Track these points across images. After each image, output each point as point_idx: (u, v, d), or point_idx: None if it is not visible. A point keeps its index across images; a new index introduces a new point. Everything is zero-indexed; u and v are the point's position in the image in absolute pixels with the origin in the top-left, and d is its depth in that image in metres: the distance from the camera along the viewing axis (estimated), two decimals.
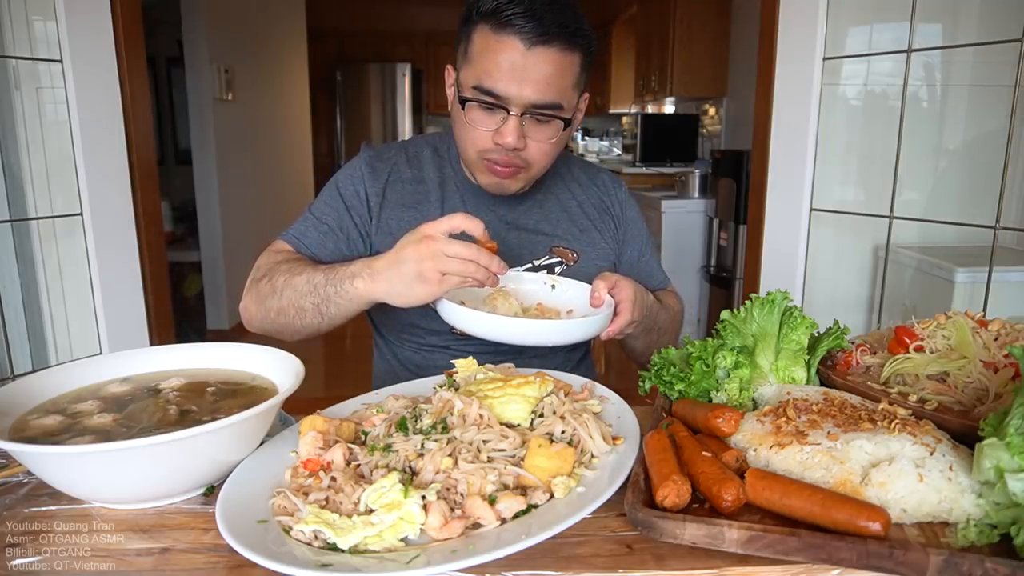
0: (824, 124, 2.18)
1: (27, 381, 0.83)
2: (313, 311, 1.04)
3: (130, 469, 0.69)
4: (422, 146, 1.29)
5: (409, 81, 7.32)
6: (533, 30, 1.01)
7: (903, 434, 0.69)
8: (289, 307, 1.06)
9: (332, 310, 1.03)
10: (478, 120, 1.09)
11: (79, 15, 2.00)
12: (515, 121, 1.06)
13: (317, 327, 1.07)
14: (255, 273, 1.15)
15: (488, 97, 1.06)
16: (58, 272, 2.18)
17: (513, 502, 0.66)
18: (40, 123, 2.10)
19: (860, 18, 2.25)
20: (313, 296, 1.03)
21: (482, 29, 1.05)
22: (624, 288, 1.08)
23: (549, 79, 1.05)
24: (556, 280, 1.18)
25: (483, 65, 1.05)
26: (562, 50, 1.04)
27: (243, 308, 1.16)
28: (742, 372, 0.89)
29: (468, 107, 1.08)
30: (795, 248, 2.26)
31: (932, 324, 0.91)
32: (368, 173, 1.23)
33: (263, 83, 5.12)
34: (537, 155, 1.12)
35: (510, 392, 0.81)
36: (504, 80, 1.04)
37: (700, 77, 4.51)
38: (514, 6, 1.02)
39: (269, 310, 1.09)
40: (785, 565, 0.62)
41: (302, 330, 1.09)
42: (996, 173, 1.82)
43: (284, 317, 1.07)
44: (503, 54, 1.03)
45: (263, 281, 1.11)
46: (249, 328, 1.17)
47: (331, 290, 1.01)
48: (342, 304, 1.01)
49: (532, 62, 1.03)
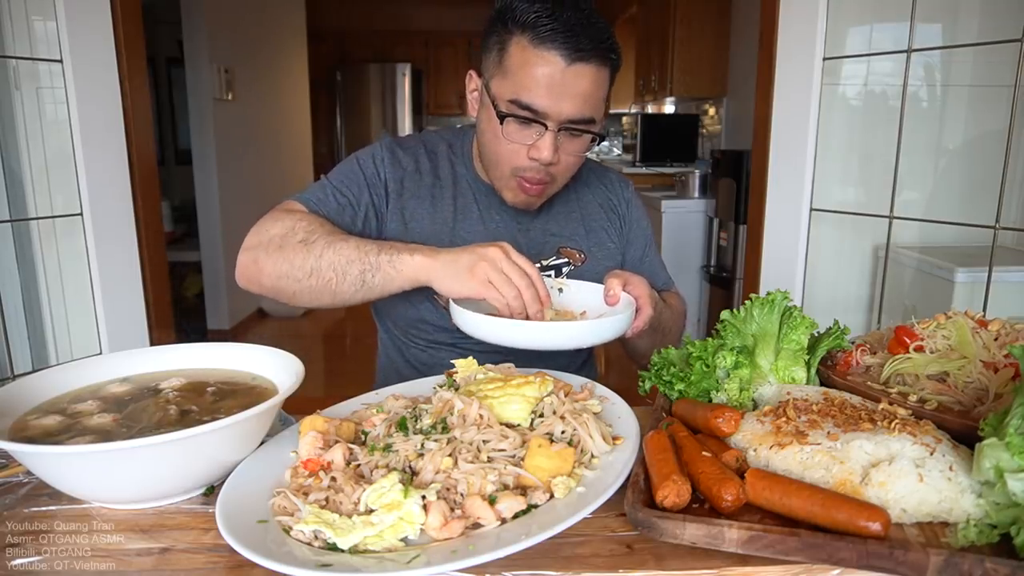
0: (824, 124, 2.18)
1: (27, 381, 0.83)
2: (356, 277, 1.02)
3: (130, 469, 0.69)
4: (438, 142, 1.29)
5: (409, 81, 7.32)
6: (573, 46, 1.02)
7: (903, 434, 0.69)
8: (328, 269, 1.03)
9: (378, 280, 1.01)
10: (514, 135, 1.09)
11: (79, 15, 2.00)
12: (551, 137, 1.06)
13: (349, 298, 1.04)
14: (266, 227, 1.10)
15: (526, 112, 1.05)
16: (58, 272, 2.18)
17: (513, 502, 0.66)
18: (40, 123, 2.10)
19: (860, 18, 2.25)
20: (361, 263, 1.01)
21: (519, 41, 1.05)
22: (638, 284, 1.08)
23: (587, 95, 1.05)
24: (564, 283, 1.17)
25: (521, 80, 1.05)
26: (598, 66, 1.05)
27: (249, 263, 1.09)
28: (742, 372, 0.89)
29: (506, 123, 1.08)
30: (795, 248, 2.26)
31: (932, 324, 0.91)
32: (389, 159, 1.22)
33: (263, 83, 5.12)
34: (564, 169, 1.13)
35: (510, 392, 0.81)
36: (543, 96, 1.04)
37: (700, 77, 4.51)
38: (554, 21, 1.02)
39: (295, 269, 1.04)
40: (785, 565, 0.62)
41: (328, 298, 1.05)
42: (996, 173, 1.82)
43: (317, 280, 1.03)
44: (542, 68, 1.03)
45: (289, 236, 1.06)
46: (243, 285, 1.12)
47: (384, 258, 1.01)
48: (391, 275, 1.01)
49: (571, 79, 1.03)
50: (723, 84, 4.50)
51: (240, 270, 1.11)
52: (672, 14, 4.45)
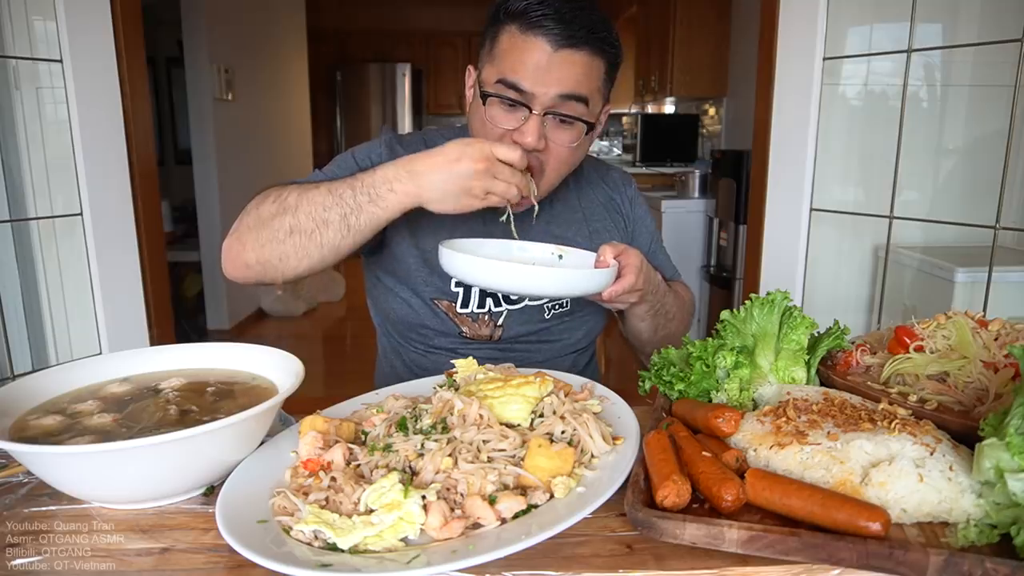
0: (824, 124, 2.18)
1: (27, 381, 0.83)
2: (339, 223, 0.98)
3: (130, 469, 0.69)
4: (439, 140, 1.26)
5: (409, 81, 7.32)
6: (562, 32, 1.01)
7: (903, 434, 0.69)
8: (307, 222, 0.98)
9: (363, 220, 0.98)
10: (498, 118, 1.07)
11: (79, 15, 1.99)
12: (536, 120, 1.04)
13: (338, 245, 1.00)
14: (249, 207, 1.06)
15: (511, 92, 1.04)
16: (58, 272, 2.18)
17: (513, 502, 0.66)
18: (40, 123, 2.10)
19: (860, 18, 2.25)
20: (340, 207, 0.97)
21: (509, 29, 1.04)
22: (630, 255, 1.06)
23: (576, 80, 1.04)
24: (564, 250, 1.17)
25: (507, 62, 1.04)
26: (590, 54, 1.04)
27: (232, 244, 1.05)
28: (742, 372, 0.89)
29: (489, 103, 1.07)
30: (795, 248, 2.26)
31: (932, 324, 0.91)
32: (387, 154, 1.20)
33: (263, 83, 5.12)
34: (554, 160, 1.10)
35: (510, 392, 0.81)
36: (528, 77, 1.03)
37: (700, 77, 4.51)
38: (544, 7, 1.01)
39: (276, 231, 1.00)
40: (785, 565, 0.62)
41: (316, 251, 1.00)
42: (996, 173, 1.82)
43: (299, 236, 0.99)
44: (529, 53, 1.02)
45: (266, 205, 1.02)
46: (233, 271, 1.07)
47: (363, 198, 0.97)
48: (375, 212, 0.97)
49: (558, 63, 1.02)
50: (723, 84, 4.50)
51: (224, 255, 1.07)
52: (672, 14, 4.46)
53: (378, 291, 1.28)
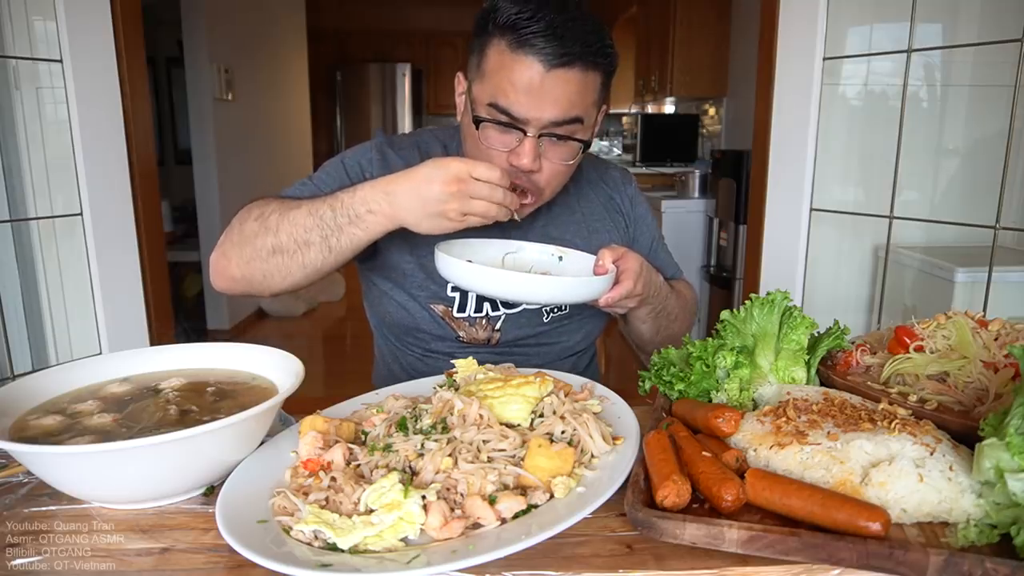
0: (824, 124, 2.18)
1: (27, 381, 0.83)
2: (320, 244, 0.97)
3: (130, 469, 0.69)
4: (433, 143, 1.25)
5: (409, 81, 7.32)
6: (554, 51, 0.96)
7: (903, 434, 0.69)
8: (288, 242, 0.98)
9: (343, 242, 0.97)
10: (493, 140, 1.04)
11: (79, 15, 1.99)
12: (531, 143, 1.01)
13: (320, 265, 1.00)
14: (234, 222, 1.05)
15: (504, 117, 1.01)
16: (58, 272, 2.18)
17: (513, 502, 0.66)
18: (40, 123, 2.10)
19: (860, 18, 2.25)
20: (320, 228, 0.97)
21: (498, 45, 0.99)
22: (629, 259, 1.05)
23: (571, 100, 1.00)
24: (564, 252, 1.17)
25: (498, 84, 1.00)
26: (584, 71, 0.99)
27: (218, 258, 1.05)
28: (742, 372, 0.89)
29: (483, 127, 1.03)
30: (795, 248, 2.26)
31: (932, 324, 0.91)
32: (378, 160, 1.18)
33: (263, 83, 5.12)
34: (550, 177, 1.08)
35: (510, 392, 0.81)
36: (521, 101, 0.99)
37: (700, 77, 4.51)
38: (534, 23, 0.96)
39: (259, 251, 1.00)
40: (785, 565, 0.62)
41: (299, 271, 1.00)
42: (996, 173, 1.82)
43: (282, 256, 0.99)
44: (520, 74, 0.98)
45: (249, 222, 1.02)
46: (220, 284, 1.07)
47: (343, 219, 0.96)
48: (356, 234, 0.97)
49: (551, 85, 0.98)
50: (723, 84, 4.50)
51: (212, 267, 1.07)
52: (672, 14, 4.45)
53: (374, 295, 1.27)
